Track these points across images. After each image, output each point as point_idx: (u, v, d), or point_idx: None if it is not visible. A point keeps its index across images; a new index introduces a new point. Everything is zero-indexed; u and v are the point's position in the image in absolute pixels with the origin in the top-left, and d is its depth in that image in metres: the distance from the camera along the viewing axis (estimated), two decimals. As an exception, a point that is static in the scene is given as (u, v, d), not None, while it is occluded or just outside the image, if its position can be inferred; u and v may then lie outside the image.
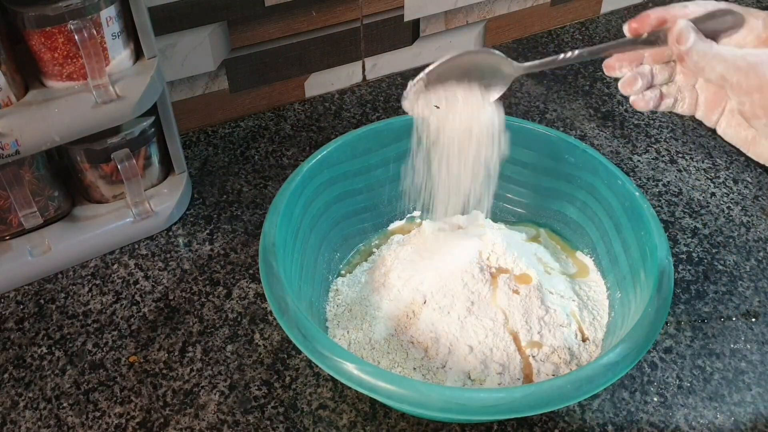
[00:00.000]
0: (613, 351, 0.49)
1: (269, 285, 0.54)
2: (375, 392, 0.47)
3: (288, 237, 0.60)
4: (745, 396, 0.60)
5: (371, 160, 0.68)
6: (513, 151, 0.68)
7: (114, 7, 0.64)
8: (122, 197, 0.73)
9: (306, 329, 0.50)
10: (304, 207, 0.63)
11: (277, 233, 0.57)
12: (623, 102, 0.90)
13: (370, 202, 0.70)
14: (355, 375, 0.48)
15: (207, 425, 0.58)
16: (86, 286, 0.70)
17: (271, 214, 0.59)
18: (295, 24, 0.85)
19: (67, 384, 0.62)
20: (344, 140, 0.66)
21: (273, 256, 0.56)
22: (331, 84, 0.93)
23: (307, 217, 0.64)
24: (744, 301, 0.68)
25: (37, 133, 0.62)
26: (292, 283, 0.56)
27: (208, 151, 0.85)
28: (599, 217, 0.66)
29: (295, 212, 0.61)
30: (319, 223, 0.66)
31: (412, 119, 0.58)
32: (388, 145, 0.67)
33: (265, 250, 0.56)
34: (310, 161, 0.64)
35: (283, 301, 0.52)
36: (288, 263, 0.58)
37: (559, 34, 1.03)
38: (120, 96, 0.65)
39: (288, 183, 0.62)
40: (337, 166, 0.66)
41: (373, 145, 0.68)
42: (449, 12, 0.94)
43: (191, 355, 0.64)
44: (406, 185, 0.61)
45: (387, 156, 0.68)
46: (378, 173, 0.69)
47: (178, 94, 0.84)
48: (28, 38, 0.63)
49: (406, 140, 0.60)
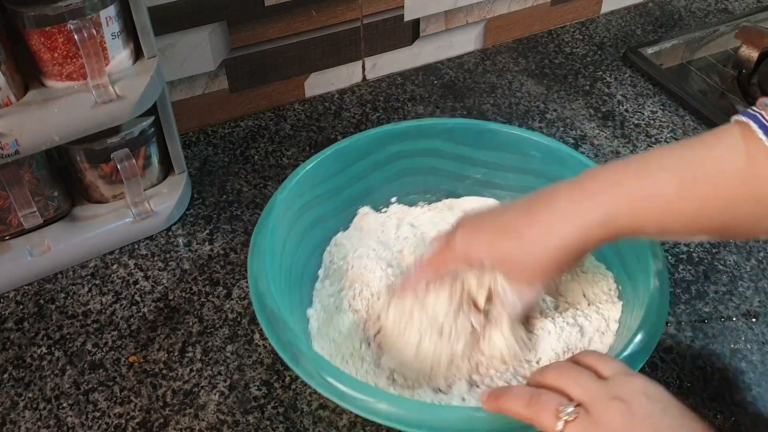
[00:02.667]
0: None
1: (278, 338, 0.52)
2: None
3: (276, 275, 0.58)
4: (745, 396, 0.60)
5: (338, 180, 0.67)
6: (480, 154, 0.69)
7: (114, 7, 0.64)
8: (122, 197, 0.73)
9: (329, 372, 0.49)
10: (283, 242, 0.61)
11: (269, 275, 0.56)
12: (623, 102, 0.90)
13: (341, 224, 0.69)
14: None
15: (207, 425, 0.58)
16: (86, 286, 0.70)
17: (257, 257, 0.57)
18: (295, 24, 0.85)
19: (66, 384, 0.62)
20: (314, 163, 0.65)
21: (271, 299, 0.54)
22: (331, 84, 0.93)
23: (286, 252, 0.62)
24: (744, 301, 0.67)
25: (36, 133, 0.62)
26: (291, 325, 0.54)
27: (208, 151, 0.85)
28: None
29: (276, 249, 0.59)
30: (298, 253, 0.64)
31: (374, 133, 0.59)
32: (354, 163, 0.67)
33: (260, 294, 0.54)
34: (283, 191, 0.62)
35: (296, 348, 0.51)
36: (283, 305, 0.56)
37: (559, 34, 1.03)
38: (120, 96, 0.65)
39: (264, 220, 0.60)
40: (309, 192, 0.65)
41: (340, 165, 0.66)
42: (449, 12, 0.94)
43: (191, 355, 0.64)
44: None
45: (355, 173, 0.67)
46: (347, 193, 0.68)
47: (177, 94, 0.84)
48: (27, 38, 0.63)
49: (372, 155, 0.62)
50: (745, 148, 0.46)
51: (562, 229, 0.50)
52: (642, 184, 0.48)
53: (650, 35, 1.02)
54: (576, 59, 0.98)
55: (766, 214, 0.47)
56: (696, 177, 0.47)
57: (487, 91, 0.93)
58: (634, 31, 1.03)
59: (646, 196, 0.48)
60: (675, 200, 0.48)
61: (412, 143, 0.69)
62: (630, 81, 0.94)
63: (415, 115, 0.89)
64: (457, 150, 0.70)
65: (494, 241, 0.53)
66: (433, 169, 0.71)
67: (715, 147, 0.47)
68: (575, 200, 0.50)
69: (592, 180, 0.50)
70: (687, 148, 0.49)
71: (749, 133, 0.45)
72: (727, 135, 0.47)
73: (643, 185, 0.48)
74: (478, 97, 0.92)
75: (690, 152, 0.48)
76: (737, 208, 0.47)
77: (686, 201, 0.48)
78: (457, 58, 0.99)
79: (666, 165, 0.48)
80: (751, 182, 0.46)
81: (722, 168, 0.46)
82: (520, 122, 0.88)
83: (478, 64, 0.98)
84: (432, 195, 0.73)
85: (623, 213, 0.49)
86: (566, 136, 0.86)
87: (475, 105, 0.91)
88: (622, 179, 0.49)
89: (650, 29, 1.03)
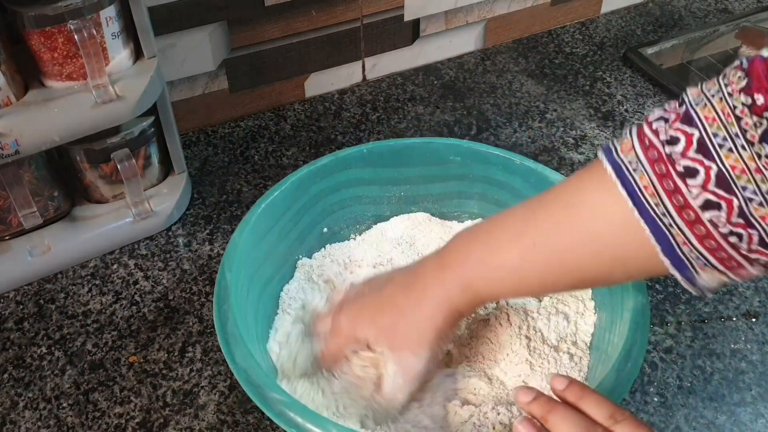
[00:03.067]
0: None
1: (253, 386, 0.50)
2: None
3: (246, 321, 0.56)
4: (745, 396, 0.60)
5: (272, 237, 0.64)
6: (401, 172, 0.69)
7: (114, 7, 0.64)
8: (122, 197, 0.73)
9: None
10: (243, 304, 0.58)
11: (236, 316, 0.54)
12: (623, 102, 0.90)
13: (286, 278, 0.67)
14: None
15: (207, 425, 0.58)
16: (86, 286, 0.70)
17: (222, 311, 0.54)
18: (295, 24, 0.85)
19: (66, 384, 0.62)
20: (250, 226, 0.61)
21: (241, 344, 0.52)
22: (331, 84, 0.93)
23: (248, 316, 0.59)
24: (744, 301, 0.67)
25: (36, 133, 0.62)
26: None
27: (208, 151, 0.85)
28: (504, 201, 0.67)
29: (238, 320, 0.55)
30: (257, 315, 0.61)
31: (297, 178, 0.63)
32: (282, 216, 0.65)
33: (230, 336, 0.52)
34: (229, 267, 0.58)
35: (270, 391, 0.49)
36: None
37: (559, 34, 1.03)
38: (120, 96, 0.65)
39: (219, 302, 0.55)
40: (253, 252, 0.61)
41: (271, 221, 0.64)
42: (449, 12, 0.94)
43: (191, 355, 0.64)
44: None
45: (285, 225, 0.65)
46: (282, 246, 0.65)
47: (177, 94, 0.84)
48: (27, 38, 0.63)
49: (298, 202, 0.63)
50: (595, 201, 0.45)
51: (431, 297, 0.52)
52: (488, 257, 0.50)
53: (650, 35, 1.02)
54: (576, 59, 0.98)
55: (613, 267, 0.46)
56: (536, 243, 0.48)
57: (487, 91, 0.93)
58: (634, 31, 1.03)
59: (494, 267, 0.50)
60: (518, 269, 0.49)
61: (332, 178, 0.67)
62: (630, 81, 0.94)
63: (415, 114, 0.90)
64: (378, 173, 0.69)
65: (376, 317, 0.55)
66: (357, 198, 0.70)
67: (556, 205, 0.47)
68: (438, 272, 0.52)
69: (450, 252, 0.53)
70: (536, 208, 0.49)
71: (605, 183, 0.44)
72: (578, 186, 0.46)
73: (488, 258, 0.50)
74: (478, 97, 0.92)
75: (533, 215, 0.49)
76: (583, 268, 0.47)
77: (530, 269, 0.49)
78: (457, 58, 0.99)
79: (509, 232, 0.49)
80: (595, 242, 0.45)
81: (565, 230, 0.46)
82: (520, 122, 0.88)
83: (478, 64, 0.98)
84: (361, 224, 0.72)
85: (478, 283, 0.51)
86: (566, 136, 0.86)
87: (475, 105, 0.91)
88: (473, 250, 0.51)
89: (650, 29, 1.03)
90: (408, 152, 0.69)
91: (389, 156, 0.69)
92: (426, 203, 0.72)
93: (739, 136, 0.38)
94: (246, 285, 0.58)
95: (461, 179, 0.70)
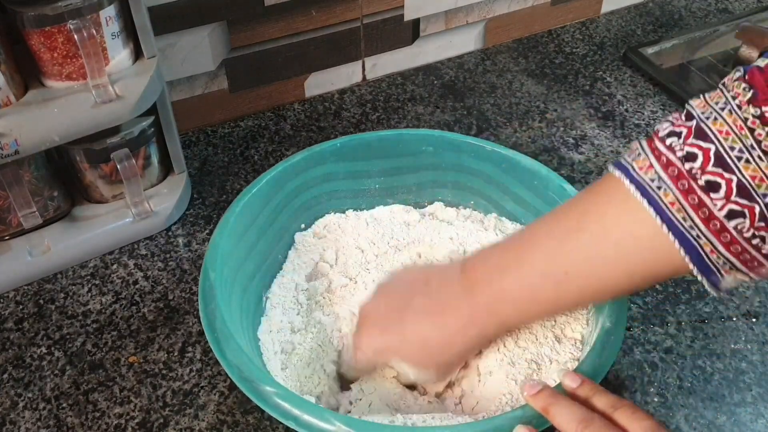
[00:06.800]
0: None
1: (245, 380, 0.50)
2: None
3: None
4: (745, 396, 0.60)
5: (252, 235, 0.64)
6: (374, 164, 0.70)
7: (113, 7, 0.64)
8: (122, 197, 0.73)
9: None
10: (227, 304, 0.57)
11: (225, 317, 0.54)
12: (623, 102, 0.90)
13: (267, 283, 0.66)
14: None
15: (207, 425, 0.58)
16: (86, 286, 0.70)
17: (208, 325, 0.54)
18: (295, 24, 0.85)
19: (66, 384, 0.62)
20: (229, 226, 0.61)
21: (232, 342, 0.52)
22: (330, 84, 0.93)
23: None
24: (744, 301, 0.67)
25: (36, 133, 0.62)
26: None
27: (208, 151, 0.85)
28: (477, 188, 0.69)
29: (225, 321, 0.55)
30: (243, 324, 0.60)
31: (271, 177, 0.63)
32: (260, 213, 0.64)
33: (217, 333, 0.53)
34: (213, 266, 0.57)
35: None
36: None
37: (559, 34, 1.03)
38: (119, 96, 0.65)
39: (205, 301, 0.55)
40: (234, 254, 0.61)
41: (248, 220, 0.63)
42: (449, 12, 0.94)
43: (191, 355, 0.64)
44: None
45: (262, 223, 0.65)
46: (284, 215, 0.66)
47: (177, 93, 0.84)
48: (27, 38, 0.63)
49: (274, 200, 0.63)
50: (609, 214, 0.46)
51: (462, 335, 0.53)
52: (525, 294, 0.51)
53: (650, 35, 1.02)
54: (576, 59, 0.98)
55: (642, 281, 0.48)
56: (568, 272, 0.48)
57: (487, 91, 0.93)
58: (634, 31, 1.03)
59: (527, 301, 0.51)
60: (554, 300, 0.51)
61: (307, 174, 0.67)
62: (630, 81, 0.94)
63: (415, 114, 0.89)
64: (351, 167, 0.69)
65: (402, 349, 0.55)
66: (333, 192, 0.70)
67: (584, 235, 0.48)
68: (467, 308, 0.53)
69: (479, 284, 0.52)
70: (562, 237, 0.49)
71: (620, 191, 0.45)
72: (601, 213, 0.47)
73: (525, 295, 0.51)
74: (478, 97, 0.92)
75: (560, 246, 0.49)
76: (615, 288, 0.49)
77: (564, 297, 0.50)
78: (457, 58, 0.99)
79: (537, 266, 0.50)
80: (627, 263, 0.47)
81: (598, 259, 0.47)
82: (520, 122, 0.88)
83: (478, 64, 0.98)
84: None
85: (511, 316, 0.52)
86: (566, 136, 0.86)
87: (475, 105, 0.91)
88: (506, 287, 0.51)
89: (650, 29, 1.03)
90: (381, 145, 0.70)
91: (362, 149, 0.69)
92: (402, 194, 0.72)
93: (755, 147, 0.40)
94: (230, 284, 0.58)
95: (434, 169, 0.70)
